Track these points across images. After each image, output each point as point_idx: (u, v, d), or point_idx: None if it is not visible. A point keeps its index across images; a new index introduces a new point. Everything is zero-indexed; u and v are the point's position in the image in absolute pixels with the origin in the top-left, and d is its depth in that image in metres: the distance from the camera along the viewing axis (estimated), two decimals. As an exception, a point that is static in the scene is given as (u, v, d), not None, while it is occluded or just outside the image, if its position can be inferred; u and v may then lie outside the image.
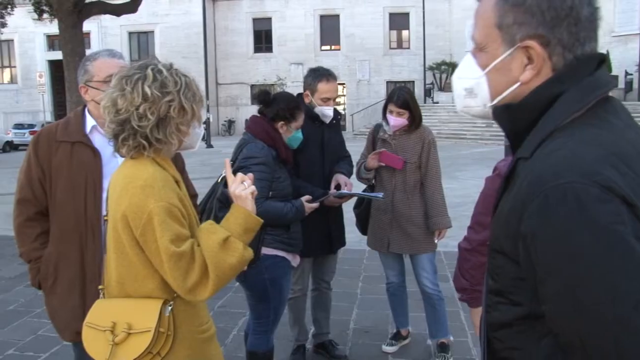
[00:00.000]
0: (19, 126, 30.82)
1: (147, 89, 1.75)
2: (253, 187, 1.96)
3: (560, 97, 1.12)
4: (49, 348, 4.26)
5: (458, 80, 1.33)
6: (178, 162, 2.66)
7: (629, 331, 0.95)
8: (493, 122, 1.31)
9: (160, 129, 1.78)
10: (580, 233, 0.97)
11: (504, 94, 1.21)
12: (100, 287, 1.95)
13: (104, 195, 2.28)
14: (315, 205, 3.28)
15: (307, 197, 3.26)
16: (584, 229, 0.96)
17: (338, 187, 3.63)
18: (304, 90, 3.72)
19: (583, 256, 0.97)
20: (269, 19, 36.15)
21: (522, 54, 1.15)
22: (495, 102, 1.24)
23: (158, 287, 1.79)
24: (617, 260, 0.95)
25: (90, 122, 2.44)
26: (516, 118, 1.19)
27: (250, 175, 1.97)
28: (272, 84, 31.89)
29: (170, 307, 1.78)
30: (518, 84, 1.17)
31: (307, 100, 3.68)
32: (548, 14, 1.11)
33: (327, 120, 3.71)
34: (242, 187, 1.94)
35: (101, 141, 2.40)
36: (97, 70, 2.40)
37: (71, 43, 11.14)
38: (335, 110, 3.79)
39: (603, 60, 1.17)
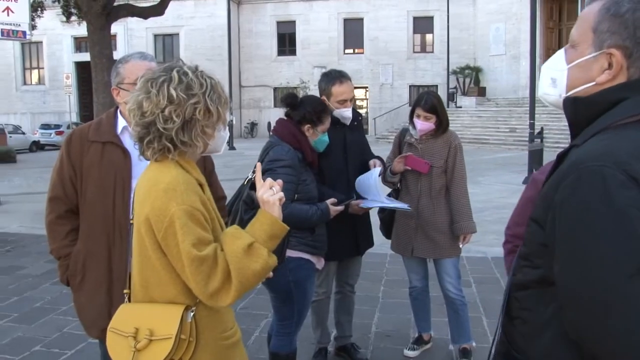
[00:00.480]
0: (45, 126, 31.35)
1: (172, 91, 1.74)
2: (281, 194, 1.91)
3: (622, 101, 1.28)
4: (75, 345, 4.33)
5: (547, 69, 1.49)
6: (208, 164, 2.69)
7: (617, 297, 1.10)
8: (516, 127, 1.52)
9: (185, 132, 1.75)
10: (597, 206, 1.13)
11: (578, 89, 1.37)
12: (125, 291, 1.95)
13: (132, 195, 2.36)
14: (340, 208, 3.29)
15: (332, 200, 3.27)
16: (602, 204, 1.13)
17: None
18: (320, 95, 3.71)
19: (595, 226, 1.13)
20: (293, 22, 36.31)
21: (604, 59, 1.31)
22: (569, 94, 1.40)
23: (181, 293, 1.76)
24: (622, 237, 1.10)
25: (121, 122, 2.48)
26: (580, 111, 1.35)
27: (280, 181, 1.93)
28: (295, 87, 31.99)
29: (192, 313, 1.76)
30: (593, 83, 1.33)
31: None
32: (638, 31, 1.27)
33: (347, 122, 3.70)
34: (270, 193, 1.90)
35: (132, 142, 2.42)
36: (128, 73, 2.44)
37: (99, 45, 11.30)
38: (355, 111, 3.78)
39: None
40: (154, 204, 1.71)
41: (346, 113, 3.65)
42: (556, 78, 1.44)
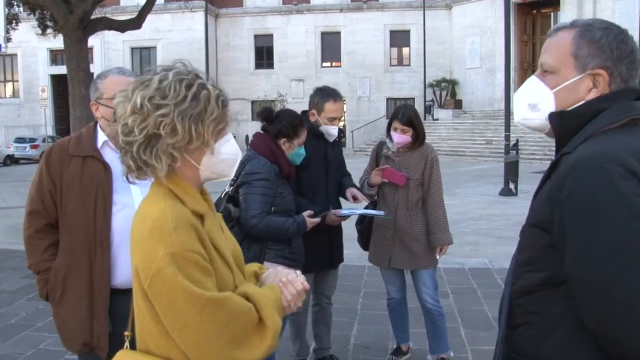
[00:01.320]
0: (20, 140, 30.94)
1: (138, 98, 1.45)
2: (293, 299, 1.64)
3: (604, 111, 1.43)
4: (51, 361, 4.28)
5: (523, 96, 1.59)
6: None
7: (629, 277, 1.19)
8: (492, 139, 1.63)
9: (147, 149, 1.46)
10: (604, 195, 1.25)
11: (569, 109, 1.50)
12: (126, 333, 1.91)
13: (114, 209, 2.38)
14: (316, 220, 3.32)
15: (308, 212, 3.31)
16: (608, 192, 1.24)
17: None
18: (310, 108, 3.78)
19: (605, 211, 1.23)
20: (271, 36, 36.42)
21: (589, 79, 1.47)
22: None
23: (174, 348, 1.46)
24: (631, 220, 1.21)
25: (102, 137, 2.49)
26: (568, 122, 1.48)
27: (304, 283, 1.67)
28: (273, 100, 32.05)
29: None
30: (583, 102, 1.48)
31: (312, 119, 3.73)
32: (615, 52, 1.45)
33: (332, 139, 3.78)
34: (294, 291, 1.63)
35: (112, 156, 2.44)
36: (107, 88, 2.44)
37: (76, 58, 11.23)
38: (339, 129, 3.86)
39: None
40: (142, 247, 1.44)
41: (333, 130, 3.73)
42: (537, 103, 1.55)
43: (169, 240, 1.40)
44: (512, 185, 13.52)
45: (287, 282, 1.64)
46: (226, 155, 1.58)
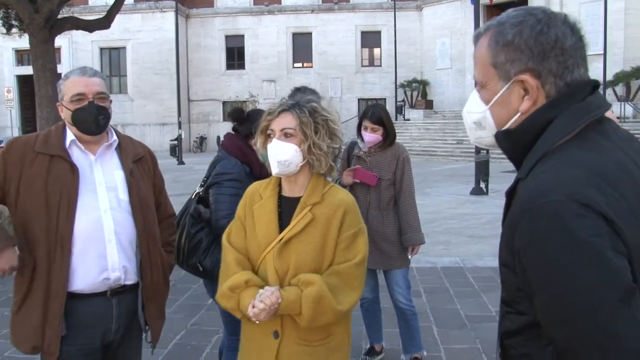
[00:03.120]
0: (-15, 142, 30.26)
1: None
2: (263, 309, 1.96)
3: (552, 122, 1.24)
4: (17, 368, 4.17)
5: (467, 114, 1.46)
6: (157, 181, 2.66)
7: (610, 337, 1.05)
8: (463, 139, 1.43)
9: None
10: (561, 246, 1.08)
11: (508, 124, 1.34)
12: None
13: (78, 212, 2.30)
14: None
15: None
16: (564, 242, 1.07)
17: None
18: None
19: (563, 269, 1.07)
20: (242, 36, 36.26)
21: (518, 87, 1.29)
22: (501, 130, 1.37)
23: None
24: (594, 272, 1.05)
25: (69, 136, 2.41)
26: (515, 142, 1.32)
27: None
28: (244, 101, 31.88)
29: None
30: (519, 114, 1.31)
31: None
32: (535, 49, 1.25)
33: None
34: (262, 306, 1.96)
35: (79, 156, 2.40)
36: (67, 90, 2.38)
37: (42, 59, 11.02)
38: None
39: (597, 86, 1.31)
40: None
41: None
42: (480, 120, 1.41)
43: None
44: (482, 185, 13.67)
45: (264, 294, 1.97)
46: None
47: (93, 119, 2.35)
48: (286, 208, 2.13)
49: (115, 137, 2.51)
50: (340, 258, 2.06)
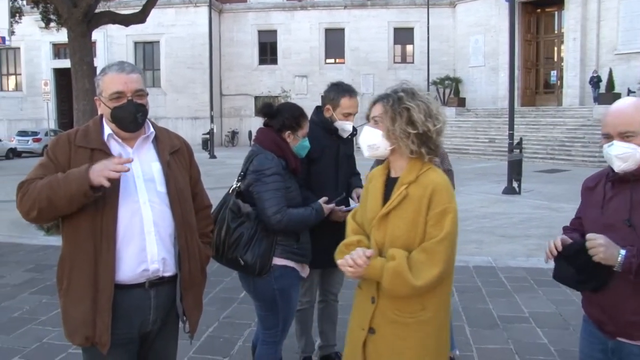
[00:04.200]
0: (22, 133, 30.96)
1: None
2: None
3: None
4: (55, 356, 4.26)
5: None
6: (194, 173, 2.67)
7: None
8: (495, 137, 1.61)
9: None
10: None
11: None
12: None
13: (120, 203, 2.31)
14: (332, 206, 3.32)
15: (324, 198, 3.31)
16: None
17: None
18: (325, 104, 3.76)
19: None
20: (275, 32, 36.40)
21: None
22: None
23: None
24: None
25: (107, 130, 2.43)
26: None
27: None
28: (277, 96, 32.04)
29: None
30: None
31: (327, 114, 3.71)
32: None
33: (345, 135, 3.76)
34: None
35: (118, 149, 2.41)
36: (105, 86, 2.39)
37: (79, 52, 11.21)
38: (353, 126, 3.84)
39: None
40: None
41: (347, 126, 3.70)
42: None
43: None
44: (515, 184, 13.49)
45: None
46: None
47: (132, 118, 2.37)
48: (390, 187, 2.35)
49: (152, 129, 2.52)
50: (428, 235, 2.21)
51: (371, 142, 2.34)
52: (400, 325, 2.25)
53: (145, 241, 2.36)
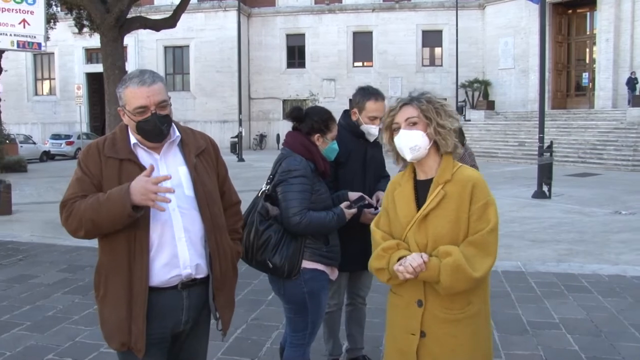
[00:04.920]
0: (56, 136, 31.64)
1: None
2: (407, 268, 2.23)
3: None
4: (87, 354, 4.35)
5: None
6: (221, 170, 2.68)
7: None
8: (525, 140, 1.54)
9: None
10: None
11: None
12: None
13: (152, 212, 2.34)
14: (353, 211, 3.32)
15: (345, 203, 3.31)
16: None
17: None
18: (351, 107, 3.78)
19: None
20: (303, 35, 36.55)
21: None
22: None
23: None
24: None
25: (133, 139, 2.44)
26: None
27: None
28: (305, 100, 32.14)
29: None
30: None
31: (354, 118, 3.73)
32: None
33: (372, 139, 3.76)
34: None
35: (145, 157, 2.44)
36: (127, 100, 2.38)
37: (111, 57, 11.44)
38: (380, 129, 3.84)
39: None
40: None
41: (373, 130, 3.70)
42: None
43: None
44: (545, 188, 13.31)
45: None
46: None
47: (157, 131, 2.38)
48: (421, 189, 2.38)
49: (177, 133, 2.51)
50: (474, 229, 2.26)
51: (413, 143, 2.32)
52: (452, 322, 2.29)
53: (176, 248, 2.39)
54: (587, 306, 5.38)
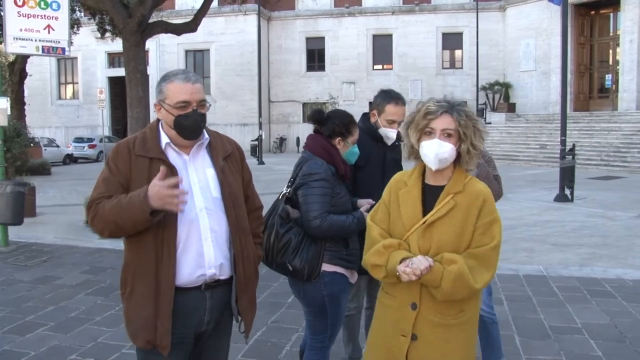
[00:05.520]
0: (79, 140, 32.07)
1: None
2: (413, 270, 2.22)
3: None
4: (109, 355, 4.40)
5: None
6: (246, 175, 2.72)
7: None
8: (547, 143, 1.53)
9: None
10: None
11: None
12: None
13: (179, 212, 2.34)
14: None
15: (365, 207, 3.30)
16: None
17: None
18: (371, 109, 3.79)
19: None
20: (322, 38, 36.59)
21: None
22: None
23: None
24: None
25: (164, 138, 2.46)
26: None
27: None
28: (324, 103, 32.17)
29: None
30: None
31: (373, 120, 3.74)
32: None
33: (390, 142, 3.75)
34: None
35: (175, 157, 2.46)
36: (170, 94, 2.41)
37: (133, 61, 11.56)
38: (398, 133, 3.83)
39: None
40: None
41: (391, 133, 3.70)
42: None
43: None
44: (567, 191, 13.16)
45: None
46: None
47: (196, 127, 2.43)
48: (429, 195, 2.38)
49: (206, 135, 2.55)
50: (477, 242, 2.28)
51: (443, 156, 2.29)
52: (445, 328, 2.30)
53: (202, 247, 2.42)
54: (610, 311, 5.31)
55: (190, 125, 2.41)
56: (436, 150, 2.29)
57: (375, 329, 2.50)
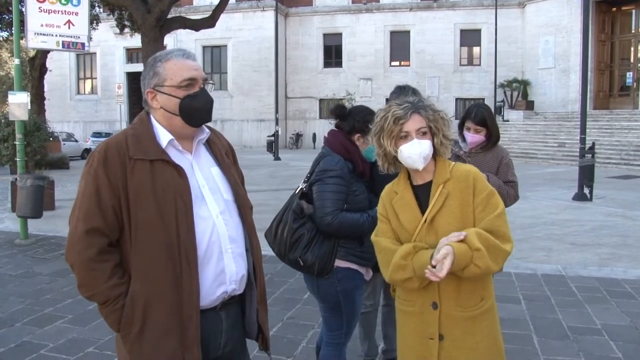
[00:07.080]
0: (97, 134, 32.43)
1: None
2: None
3: None
4: (126, 349, 4.43)
5: None
6: (240, 175, 2.41)
7: None
8: (565, 141, 1.53)
9: None
10: None
11: None
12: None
13: (195, 220, 2.04)
14: None
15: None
16: None
17: None
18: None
19: None
20: (340, 35, 36.54)
21: None
22: None
23: None
24: None
25: (165, 135, 2.10)
26: None
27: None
28: (341, 99, 32.12)
29: None
30: None
31: None
32: None
33: None
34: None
35: (177, 157, 2.10)
36: (170, 73, 2.06)
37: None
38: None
39: None
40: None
41: None
42: None
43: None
44: (586, 190, 13.01)
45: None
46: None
47: (208, 108, 2.11)
48: (421, 194, 2.38)
49: (207, 129, 2.22)
50: (481, 219, 2.27)
51: (426, 153, 2.30)
52: (468, 320, 2.29)
53: (223, 261, 2.09)
54: (631, 312, 5.24)
55: (201, 106, 2.08)
56: (419, 150, 2.30)
57: (402, 339, 2.46)
